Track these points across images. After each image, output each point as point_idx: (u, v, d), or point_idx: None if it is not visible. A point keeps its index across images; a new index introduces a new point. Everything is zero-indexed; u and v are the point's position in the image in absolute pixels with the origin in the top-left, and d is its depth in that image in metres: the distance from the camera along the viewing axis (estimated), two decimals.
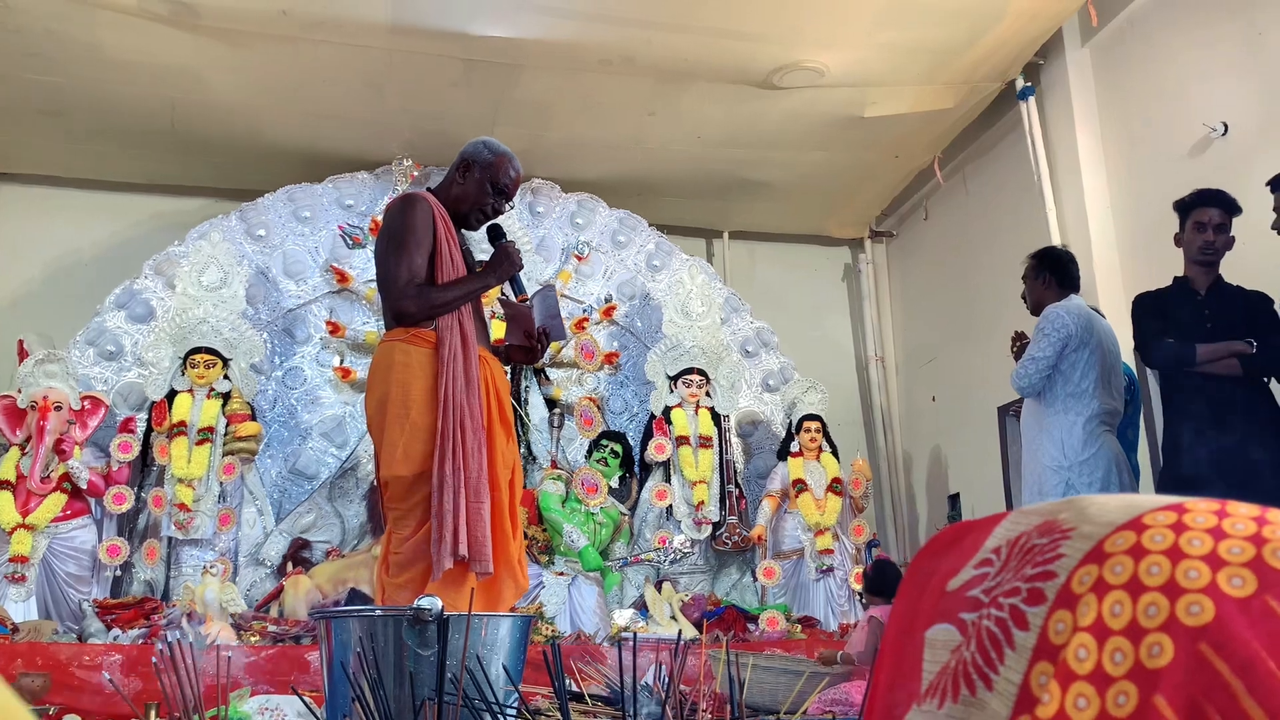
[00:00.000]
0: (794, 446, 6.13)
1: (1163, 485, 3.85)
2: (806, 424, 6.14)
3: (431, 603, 1.33)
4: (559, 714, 1.13)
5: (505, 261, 3.04)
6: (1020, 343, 4.14)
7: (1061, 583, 0.58)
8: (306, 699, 1.45)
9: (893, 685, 0.70)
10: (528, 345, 3.12)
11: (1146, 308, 3.79)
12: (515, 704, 1.25)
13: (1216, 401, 3.55)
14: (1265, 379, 3.63)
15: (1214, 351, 3.56)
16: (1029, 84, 5.67)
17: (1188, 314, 3.70)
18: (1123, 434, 4.05)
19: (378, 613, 1.39)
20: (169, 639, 3.78)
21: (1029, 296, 4.25)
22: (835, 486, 6.01)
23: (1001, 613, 0.61)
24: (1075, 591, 0.57)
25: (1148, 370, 4.34)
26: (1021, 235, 5.49)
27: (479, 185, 3.06)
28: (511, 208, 3.31)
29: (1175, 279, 3.85)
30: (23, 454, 5.13)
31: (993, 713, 0.58)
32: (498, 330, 3.84)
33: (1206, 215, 3.72)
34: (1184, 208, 3.79)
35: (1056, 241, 5.23)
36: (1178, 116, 4.79)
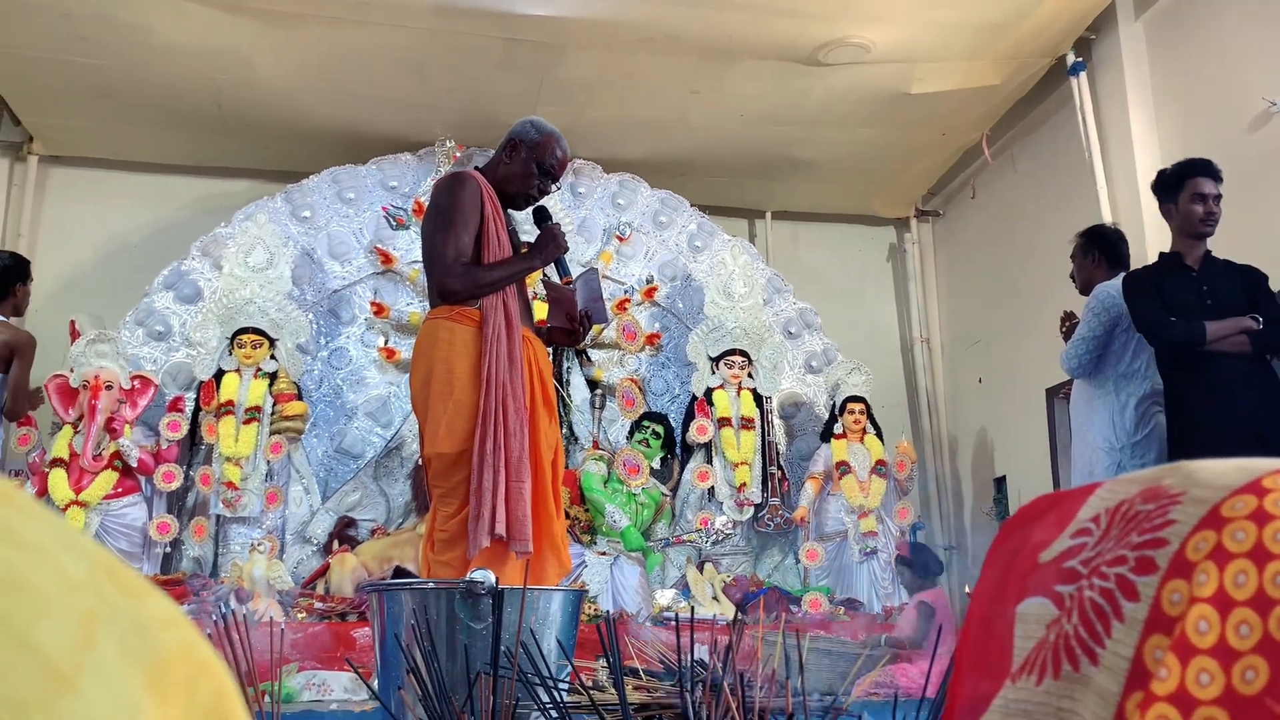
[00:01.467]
0: (837, 428, 6.08)
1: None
2: (850, 405, 6.08)
3: (484, 575, 1.32)
4: (613, 688, 1.11)
5: (551, 243, 3.03)
6: (1070, 323, 4.07)
7: (1174, 550, 0.55)
8: (359, 671, 1.46)
9: (979, 662, 0.67)
10: (569, 328, 3.10)
11: (1142, 286, 3.61)
12: (568, 678, 1.24)
13: (1226, 379, 3.42)
14: (1269, 356, 3.51)
15: (1222, 329, 3.42)
16: (1080, 59, 5.55)
17: (1186, 291, 3.56)
18: None
19: (430, 585, 1.38)
20: (223, 610, 3.83)
21: (1078, 276, 4.17)
22: (879, 469, 5.96)
23: (1106, 583, 0.57)
24: (1190, 559, 0.53)
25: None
26: (1071, 214, 5.38)
27: (525, 165, 3.05)
28: (558, 188, 3.30)
29: (1163, 254, 3.70)
30: (75, 432, 5.22)
31: (1099, 688, 0.55)
32: (541, 311, 3.83)
33: (1205, 186, 3.59)
34: (1177, 178, 3.63)
35: (1107, 220, 5.12)
36: (1235, 91, 4.66)
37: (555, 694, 1.06)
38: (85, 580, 0.39)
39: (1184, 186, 3.59)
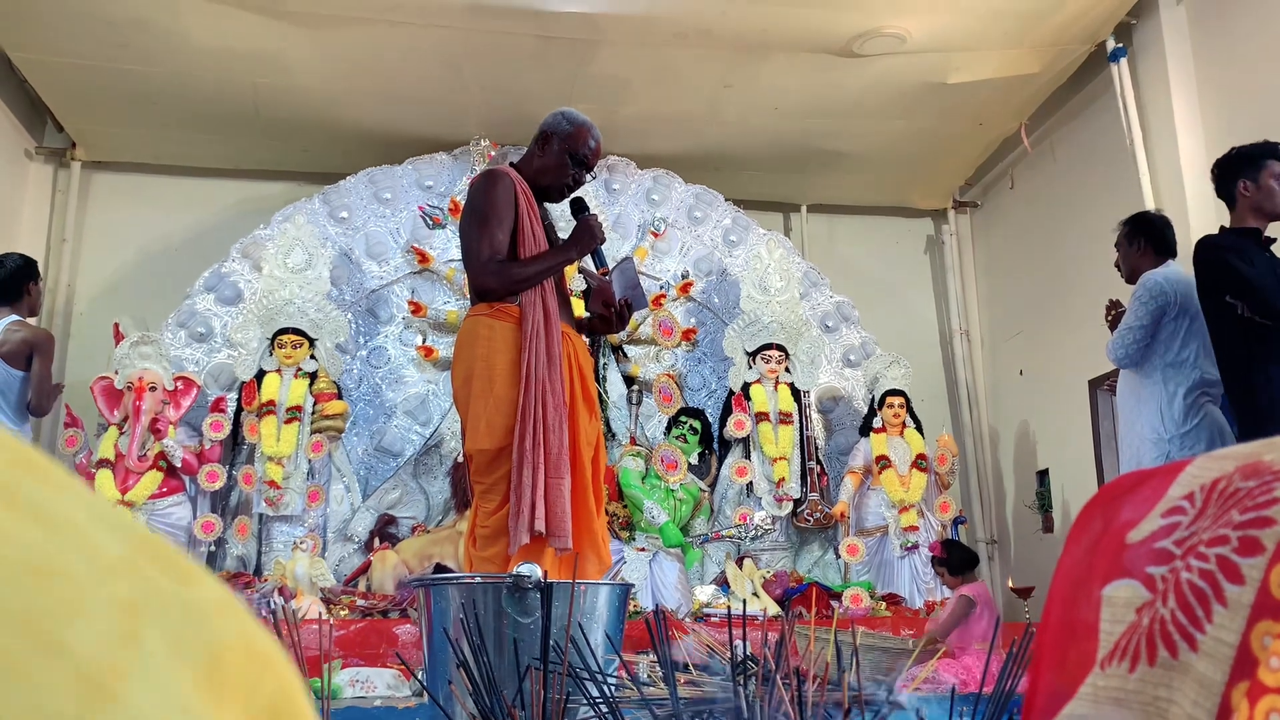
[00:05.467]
0: (877, 422, 6.03)
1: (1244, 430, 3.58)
2: (890, 399, 6.03)
3: (531, 569, 1.32)
4: (662, 683, 1.11)
5: (587, 235, 3.03)
6: (1116, 311, 4.00)
7: None
8: (402, 668, 1.46)
9: (1062, 646, 0.65)
10: (607, 314, 3.09)
11: (1235, 250, 3.50)
12: (617, 673, 1.23)
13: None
14: None
15: None
16: (1120, 45, 5.46)
17: (1263, 264, 3.49)
18: None
19: (477, 580, 1.39)
20: (270, 605, 3.86)
21: (1123, 264, 4.10)
22: (920, 463, 5.91)
23: (1206, 564, 0.55)
24: None
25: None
26: (1113, 203, 5.30)
27: (558, 157, 3.05)
28: (593, 177, 3.29)
29: (1239, 230, 3.61)
30: (120, 434, 5.30)
31: (1200, 676, 0.53)
32: (580, 308, 3.83)
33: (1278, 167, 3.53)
34: (1259, 156, 3.57)
35: (1150, 209, 5.03)
36: None
37: (605, 689, 1.06)
38: (125, 563, 0.34)
39: (1265, 164, 3.53)
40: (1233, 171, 3.62)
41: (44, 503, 0.33)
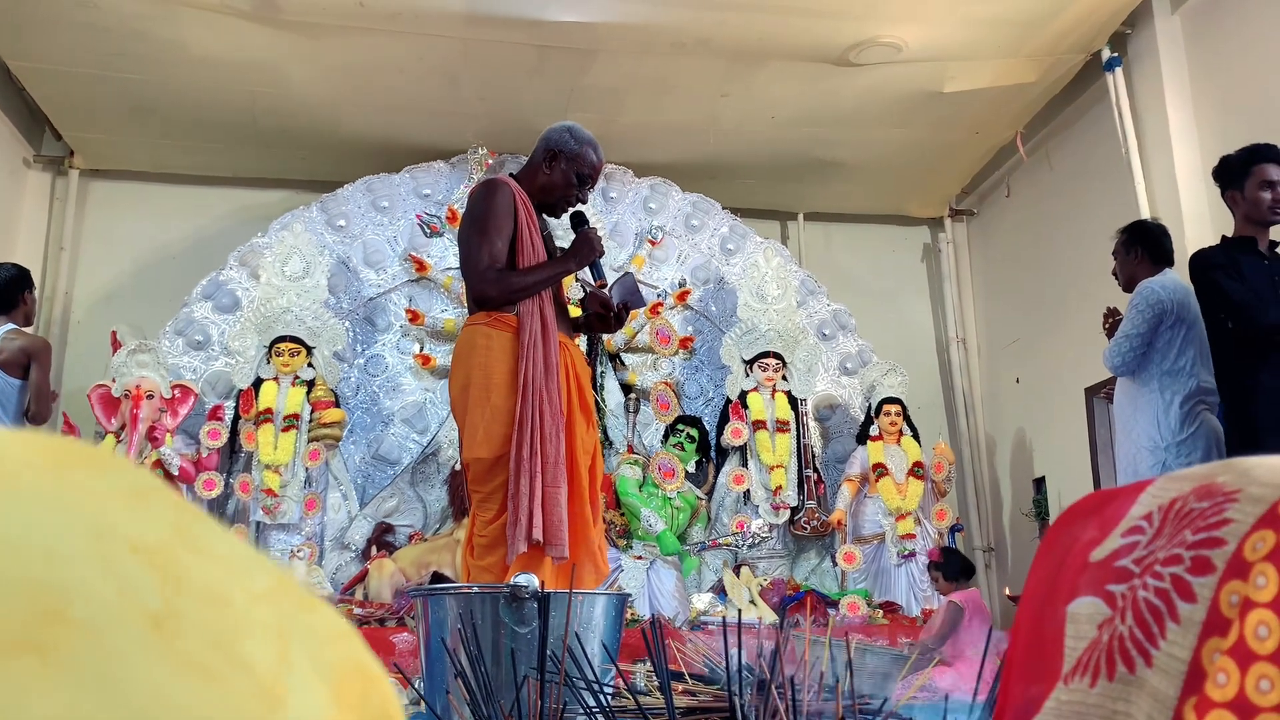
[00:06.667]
0: (874, 430, 6.04)
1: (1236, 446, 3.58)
2: (886, 407, 6.04)
3: (528, 579, 1.33)
4: (659, 692, 1.11)
5: (586, 247, 3.04)
6: (1113, 319, 4.01)
7: (1232, 550, 0.53)
8: (403, 674, 1.47)
9: (1030, 662, 0.66)
10: (603, 313, 3.10)
11: (1223, 267, 3.50)
12: (614, 682, 1.24)
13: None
14: None
15: None
16: (1115, 54, 5.48)
17: (1259, 276, 3.50)
18: None
19: (475, 590, 1.39)
20: None
21: (1120, 273, 4.11)
22: (917, 470, 5.91)
23: (1161, 583, 0.56)
24: (1248, 559, 0.52)
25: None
26: (1109, 211, 5.32)
27: (565, 176, 3.06)
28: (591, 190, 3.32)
29: (1234, 239, 3.62)
30: (118, 441, 5.30)
31: (1154, 691, 0.54)
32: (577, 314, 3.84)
33: (1273, 172, 3.51)
34: (1244, 164, 3.56)
35: (1146, 217, 5.05)
36: (1275, 83, 4.59)
37: (602, 698, 1.06)
38: (270, 594, 0.39)
39: (1251, 173, 3.54)
40: (1222, 183, 3.64)
41: (208, 541, 0.39)
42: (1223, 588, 0.53)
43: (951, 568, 5.05)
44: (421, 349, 6.14)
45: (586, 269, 3.11)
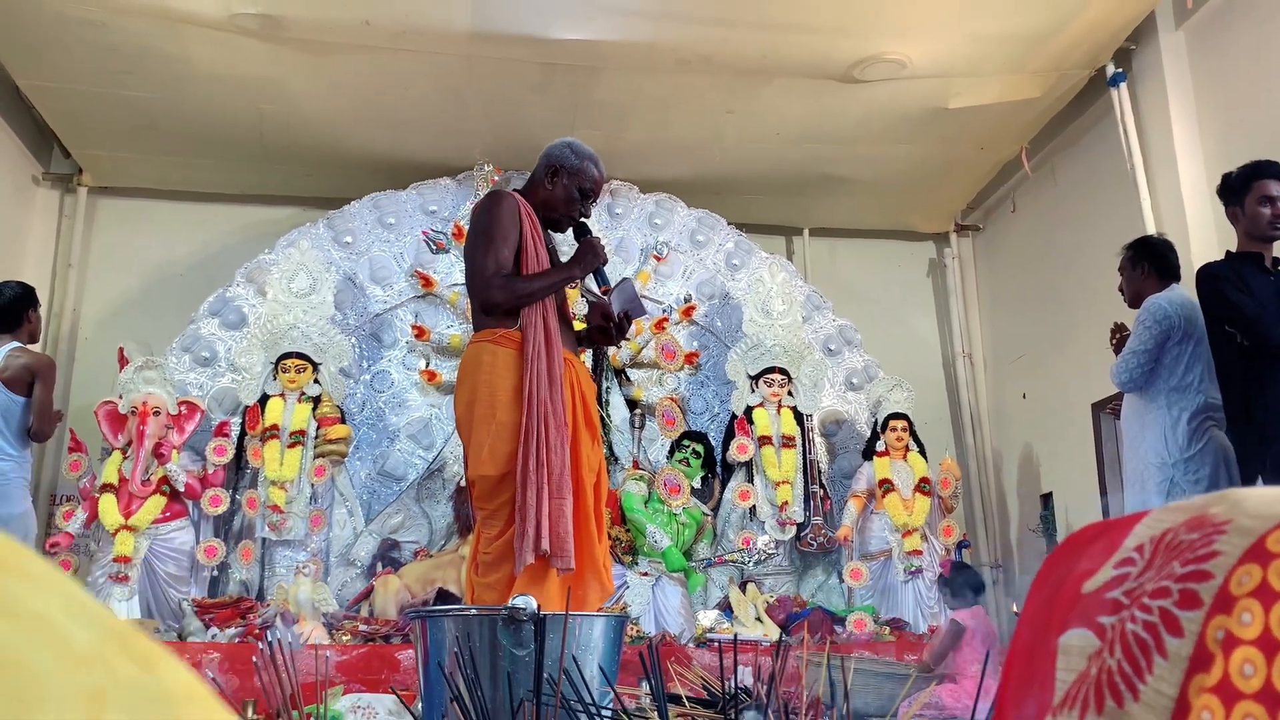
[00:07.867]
0: (880, 446, 6.02)
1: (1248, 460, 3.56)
2: (893, 423, 6.03)
3: (526, 602, 1.32)
4: (656, 715, 1.11)
5: (590, 254, 3.07)
6: (1120, 335, 4.00)
7: (1219, 584, 0.53)
8: (400, 696, 1.46)
9: (1022, 694, 0.66)
10: (606, 325, 3.11)
11: (1230, 281, 3.50)
12: (611, 705, 1.23)
13: None
14: None
15: None
16: (1120, 70, 5.48)
17: (1265, 290, 3.49)
18: None
19: (473, 612, 1.39)
20: (269, 639, 3.86)
21: (1127, 288, 4.11)
22: (923, 486, 5.89)
23: (1150, 616, 0.56)
24: (1234, 594, 0.52)
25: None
26: (1114, 226, 5.31)
27: (567, 191, 3.09)
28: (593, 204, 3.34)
29: (1239, 253, 3.62)
30: (124, 458, 5.31)
31: None
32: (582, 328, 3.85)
33: (1273, 188, 3.51)
34: (1244, 181, 3.57)
35: (1151, 232, 5.04)
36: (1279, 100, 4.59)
37: None
38: (93, 653, 0.35)
39: (1250, 189, 3.55)
40: (1226, 199, 3.65)
41: (18, 596, 0.34)
42: (1209, 623, 0.52)
43: (957, 585, 5.03)
44: (427, 365, 6.15)
45: (591, 277, 3.13)
